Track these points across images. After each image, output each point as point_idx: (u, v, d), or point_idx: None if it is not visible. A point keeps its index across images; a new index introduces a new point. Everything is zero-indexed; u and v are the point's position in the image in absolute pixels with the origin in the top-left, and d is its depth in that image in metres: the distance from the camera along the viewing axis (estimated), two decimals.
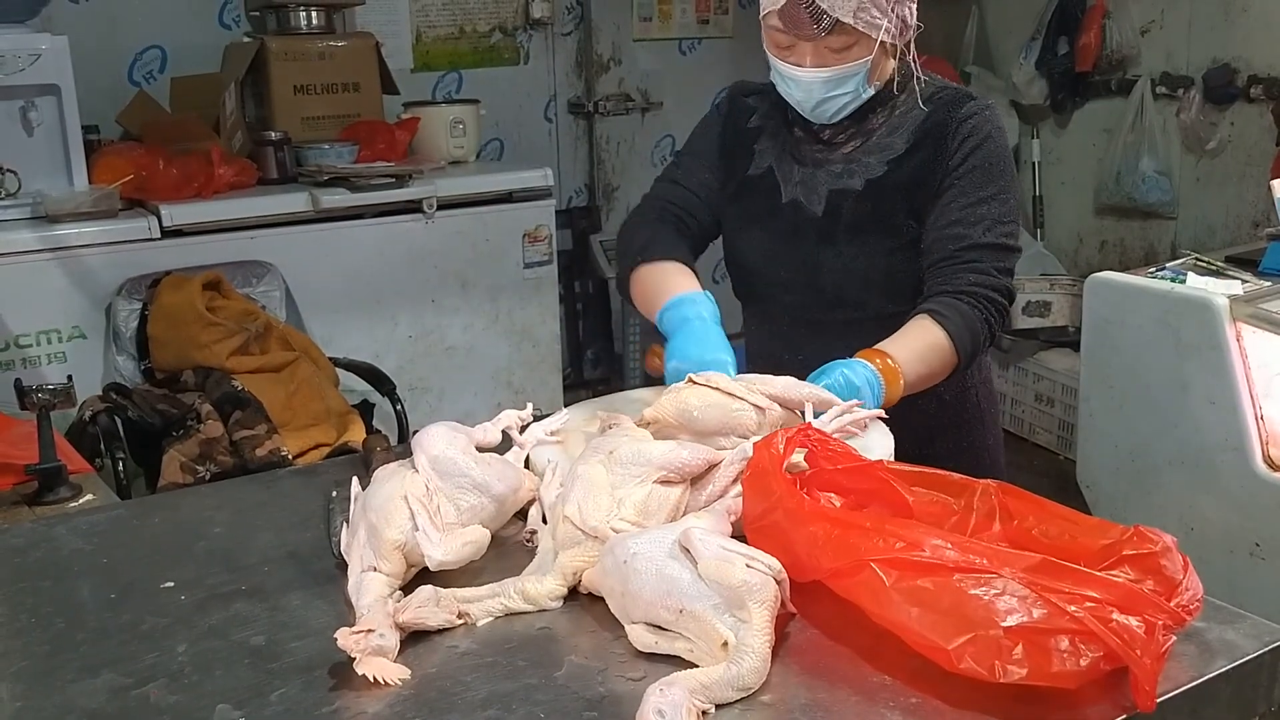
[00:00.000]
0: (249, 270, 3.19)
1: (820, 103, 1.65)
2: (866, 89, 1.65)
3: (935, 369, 1.60)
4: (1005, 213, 1.66)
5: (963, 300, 1.62)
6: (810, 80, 1.62)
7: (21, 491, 1.88)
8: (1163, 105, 4.38)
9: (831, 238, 1.72)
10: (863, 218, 1.70)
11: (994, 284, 1.64)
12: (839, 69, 1.60)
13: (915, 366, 1.55)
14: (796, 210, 1.74)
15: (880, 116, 1.71)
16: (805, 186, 1.74)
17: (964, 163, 1.65)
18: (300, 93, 3.62)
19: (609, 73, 4.90)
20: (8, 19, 3.03)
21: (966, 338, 1.60)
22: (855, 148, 1.71)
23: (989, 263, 1.64)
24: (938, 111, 1.68)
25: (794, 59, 1.62)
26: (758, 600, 1.03)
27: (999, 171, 1.66)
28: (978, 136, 1.66)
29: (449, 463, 1.30)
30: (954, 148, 1.65)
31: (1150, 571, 1.05)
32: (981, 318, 1.62)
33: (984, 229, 1.64)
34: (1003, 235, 1.65)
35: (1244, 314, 2.69)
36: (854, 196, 1.70)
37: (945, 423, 1.78)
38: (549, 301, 3.74)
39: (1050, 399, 4.24)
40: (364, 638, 1.07)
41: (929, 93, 1.70)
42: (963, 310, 1.61)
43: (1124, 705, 0.99)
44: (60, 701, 1.07)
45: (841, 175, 1.71)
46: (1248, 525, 2.72)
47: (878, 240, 1.69)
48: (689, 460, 1.26)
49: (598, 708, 1.02)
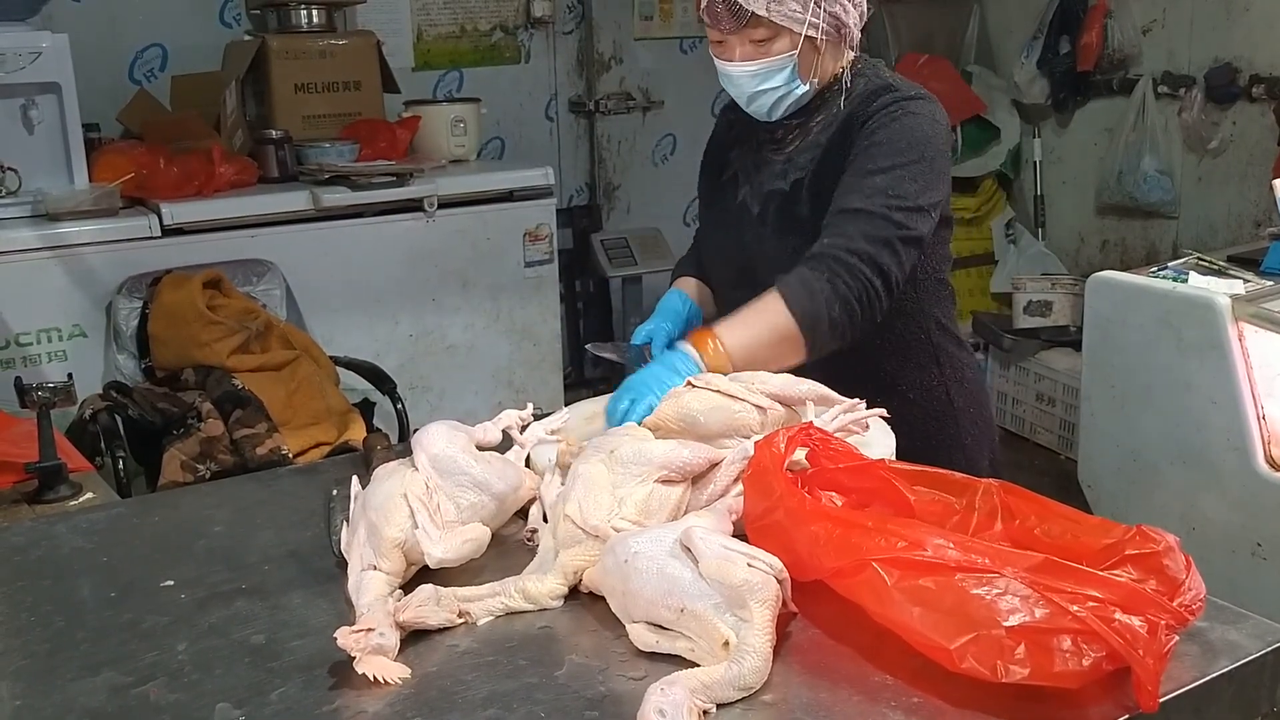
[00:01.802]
0: (249, 269, 3.18)
1: (752, 97, 1.68)
2: (798, 84, 1.65)
3: (773, 340, 1.53)
4: (897, 187, 1.57)
5: (807, 264, 1.56)
6: (739, 74, 1.66)
7: (22, 490, 1.88)
8: (1164, 104, 4.38)
9: (761, 237, 1.75)
10: (786, 218, 1.71)
11: (847, 246, 1.54)
12: (763, 63, 1.63)
13: (750, 346, 1.51)
14: (742, 211, 1.78)
15: (820, 115, 1.71)
16: (752, 188, 1.78)
17: (865, 139, 1.61)
18: (301, 91, 3.62)
19: (610, 71, 4.90)
20: (8, 17, 3.03)
21: (806, 305, 1.52)
22: (795, 147, 1.73)
23: (853, 226, 1.56)
24: (855, 105, 1.66)
25: (725, 54, 1.67)
26: (759, 599, 1.03)
27: (902, 148, 1.59)
28: (885, 119, 1.61)
29: (449, 461, 1.29)
30: (859, 136, 1.63)
31: (1153, 571, 1.04)
32: (823, 277, 1.53)
33: (863, 196, 1.57)
34: (885, 205, 1.56)
35: (1246, 313, 2.69)
36: (781, 196, 1.72)
37: (911, 418, 1.66)
38: (550, 300, 3.74)
39: (1051, 399, 4.24)
40: (363, 637, 1.07)
41: (871, 89, 1.67)
42: (803, 274, 1.55)
43: (1126, 705, 0.99)
44: (60, 700, 1.06)
45: (777, 176, 1.74)
46: (1249, 525, 2.72)
47: (800, 238, 1.65)
48: (690, 459, 1.26)
49: (599, 707, 1.02)
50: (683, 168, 4.85)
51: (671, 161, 5.04)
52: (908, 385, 1.74)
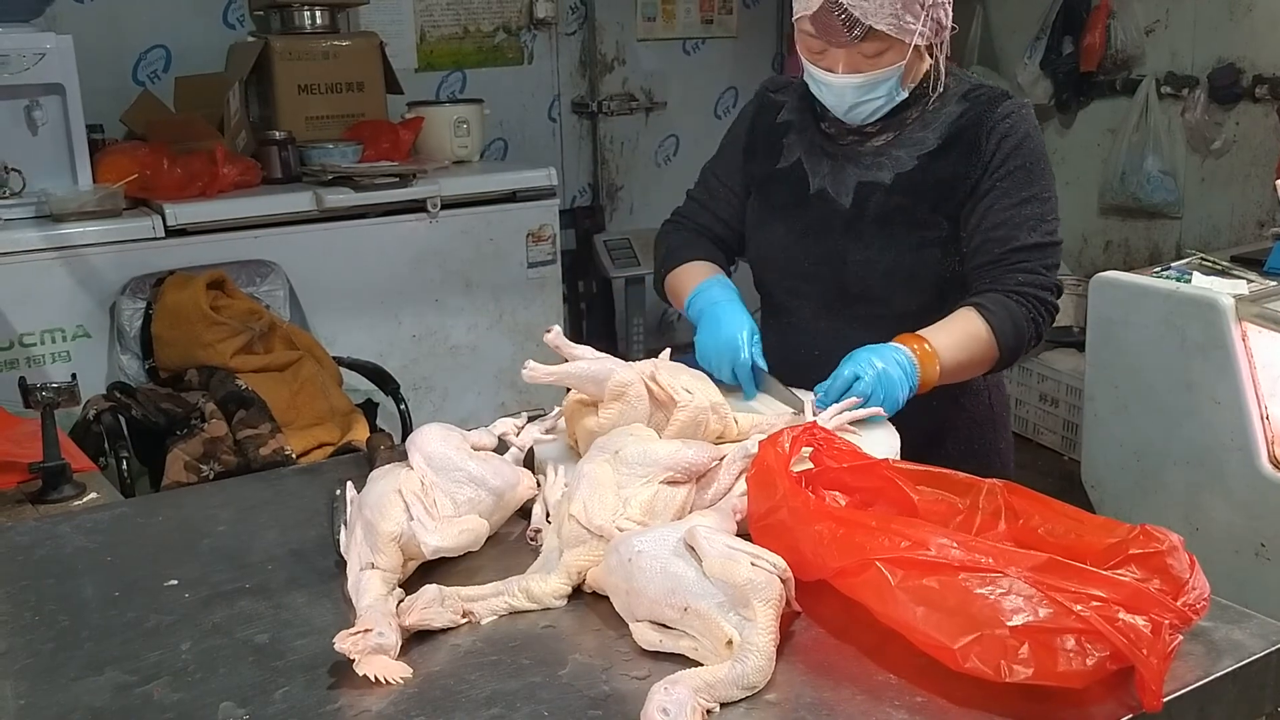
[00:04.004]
0: (253, 269, 3.19)
1: (853, 107, 1.64)
2: (900, 92, 1.63)
3: (975, 358, 1.60)
4: (1047, 211, 1.65)
5: (1011, 298, 1.62)
6: (843, 85, 1.61)
7: (26, 490, 1.88)
8: (1167, 105, 4.37)
9: (858, 230, 1.70)
10: (890, 211, 1.68)
11: (1043, 282, 1.64)
12: (872, 75, 1.59)
13: (953, 353, 1.56)
14: (824, 202, 1.73)
15: (914, 112, 1.69)
16: (833, 178, 1.72)
17: (1004, 164, 1.64)
18: (304, 92, 3.62)
19: (613, 72, 4.90)
20: (13, 18, 3.03)
21: (1009, 331, 1.60)
22: (886, 141, 1.70)
23: (1036, 262, 1.64)
24: (973, 109, 1.66)
25: (826, 64, 1.61)
26: (762, 598, 1.03)
27: (1039, 171, 1.66)
28: (1015, 136, 1.64)
29: (444, 459, 1.30)
30: (991, 148, 1.64)
31: (1157, 570, 1.04)
32: (1028, 315, 1.62)
33: (1029, 229, 1.63)
34: (1047, 234, 1.65)
35: (1250, 314, 2.68)
36: (883, 189, 1.68)
37: (957, 423, 1.77)
38: (553, 301, 3.74)
39: (1054, 399, 4.23)
40: (361, 638, 1.06)
41: (964, 89, 1.69)
42: (1009, 306, 1.61)
43: (1130, 705, 0.99)
44: (64, 699, 1.06)
45: (871, 168, 1.70)
46: (1253, 525, 2.71)
47: (904, 234, 1.67)
48: (695, 459, 1.26)
49: (602, 706, 1.02)
50: (685, 168, 4.84)
51: (674, 162, 5.04)
52: (961, 390, 1.72)
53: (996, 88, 1.72)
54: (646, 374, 1.39)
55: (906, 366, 1.50)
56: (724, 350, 1.64)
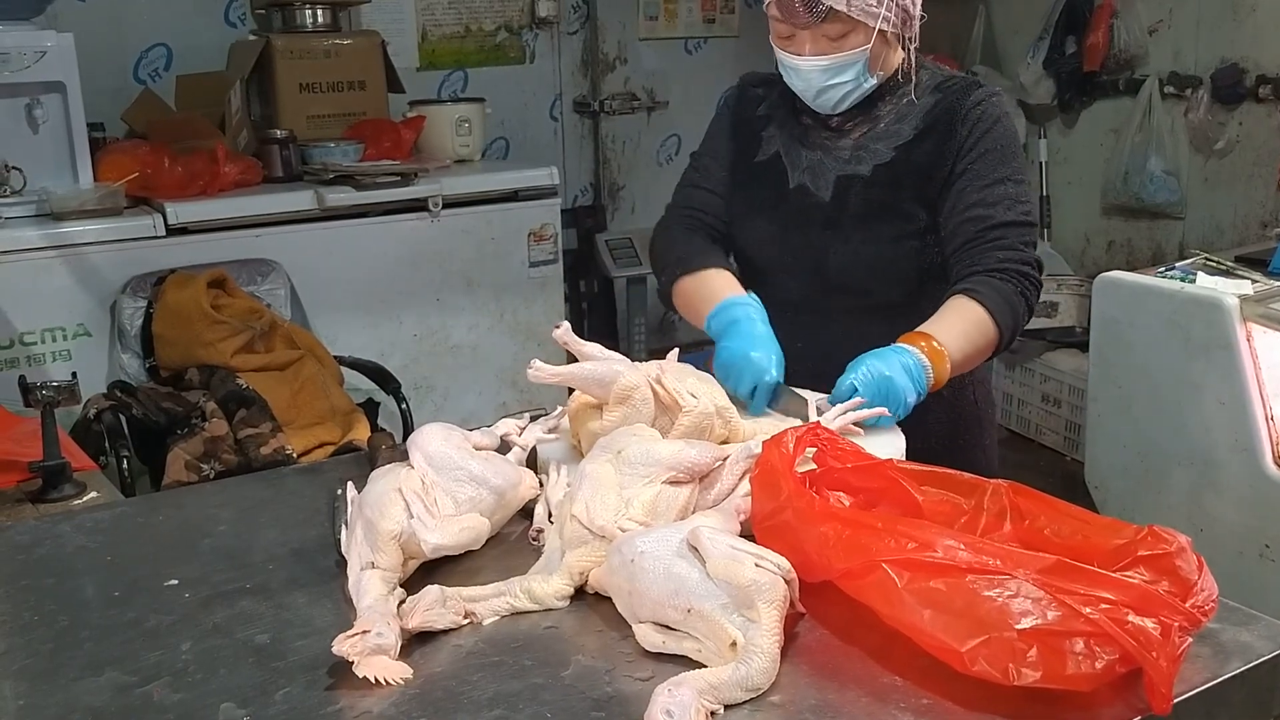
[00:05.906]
0: (254, 268, 3.18)
1: (821, 91, 1.67)
2: (868, 78, 1.66)
3: (980, 346, 1.61)
4: (1021, 192, 1.69)
5: (995, 276, 1.63)
6: (809, 69, 1.65)
7: (26, 489, 1.88)
8: (1170, 105, 4.37)
9: (838, 223, 1.73)
10: (870, 203, 1.71)
11: (1023, 257, 1.66)
12: (837, 57, 1.62)
13: (960, 344, 1.56)
14: (803, 195, 1.75)
15: (888, 104, 1.73)
16: (812, 172, 1.75)
17: (975, 147, 1.67)
18: (305, 91, 3.62)
19: (614, 72, 4.90)
20: (13, 16, 3.03)
21: (1006, 311, 1.62)
22: (863, 134, 1.73)
23: (1015, 238, 1.66)
24: (946, 98, 1.70)
25: (794, 48, 1.65)
26: (767, 600, 1.02)
27: (1011, 154, 1.69)
28: (987, 121, 1.68)
29: (445, 457, 1.29)
30: (964, 134, 1.68)
31: (1165, 572, 1.03)
32: (1017, 290, 1.64)
33: (1005, 207, 1.66)
34: (1023, 214, 1.68)
35: (1254, 314, 2.67)
36: (862, 182, 1.72)
37: (942, 419, 1.76)
38: (554, 300, 3.73)
39: (1057, 400, 4.23)
40: (360, 639, 1.06)
41: (936, 81, 1.73)
42: (998, 285, 1.62)
43: (1139, 707, 0.98)
44: (63, 699, 1.06)
45: (849, 161, 1.73)
46: (1257, 526, 2.70)
47: (884, 226, 1.70)
48: (698, 459, 1.25)
49: (605, 708, 1.01)
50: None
51: (676, 161, 5.03)
52: (946, 386, 1.69)
53: (968, 77, 1.76)
54: (652, 377, 1.38)
55: (914, 369, 1.50)
56: (749, 368, 1.55)
